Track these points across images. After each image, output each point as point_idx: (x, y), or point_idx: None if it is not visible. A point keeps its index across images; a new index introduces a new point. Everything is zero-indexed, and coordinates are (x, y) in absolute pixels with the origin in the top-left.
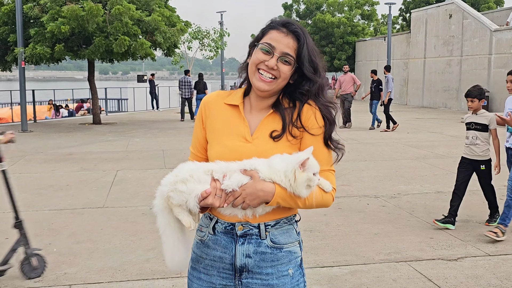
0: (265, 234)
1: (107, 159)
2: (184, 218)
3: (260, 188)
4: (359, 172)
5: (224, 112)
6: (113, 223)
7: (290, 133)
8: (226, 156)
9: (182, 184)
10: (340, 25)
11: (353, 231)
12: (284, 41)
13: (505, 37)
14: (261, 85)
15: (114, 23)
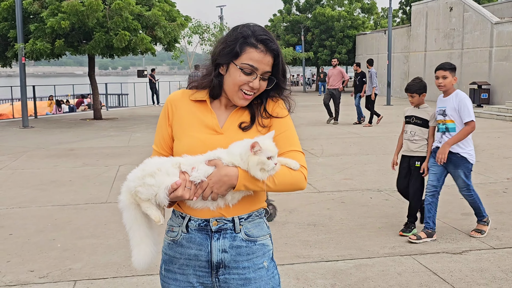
0: (239, 227)
1: (109, 154)
2: (153, 213)
3: (224, 173)
4: (361, 166)
5: (192, 108)
6: (116, 218)
7: (259, 123)
8: (197, 149)
9: (150, 178)
10: (340, 18)
11: (357, 225)
12: (264, 60)
13: (506, 29)
14: (243, 102)
15: (114, 18)
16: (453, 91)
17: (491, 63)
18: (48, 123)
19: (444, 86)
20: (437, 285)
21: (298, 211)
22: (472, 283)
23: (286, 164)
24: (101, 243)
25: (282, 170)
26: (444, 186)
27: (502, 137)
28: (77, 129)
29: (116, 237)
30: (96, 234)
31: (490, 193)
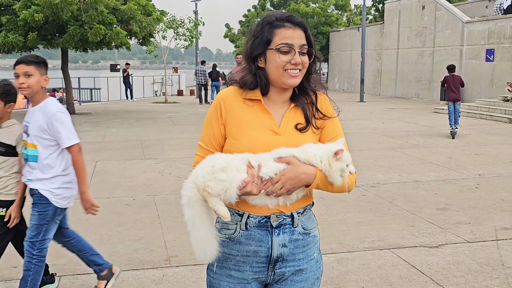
0: (297, 222)
1: (85, 150)
2: (221, 209)
3: (303, 171)
4: None
5: (246, 107)
6: (98, 213)
7: (313, 125)
8: (257, 149)
9: (222, 173)
10: (314, 15)
11: (336, 220)
12: (296, 35)
13: (476, 28)
14: (294, 81)
15: (89, 12)
16: (42, 98)
17: (462, 61)
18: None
19: (27, 88)
20: (416, 277)
21: None
22: (449, 275)
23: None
24: None
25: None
26: (417, 181)
27: (473, 134)
28: None
29: (98, 233)
30: (78, 230)
31: (463, 188)
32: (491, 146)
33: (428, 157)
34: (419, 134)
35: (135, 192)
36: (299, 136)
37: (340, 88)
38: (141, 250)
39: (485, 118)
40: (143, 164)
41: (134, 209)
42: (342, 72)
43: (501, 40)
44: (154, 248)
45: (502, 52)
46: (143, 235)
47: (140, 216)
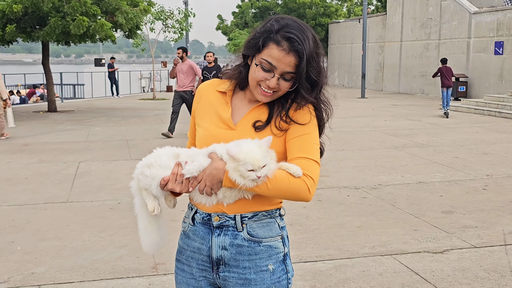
0: (241, 226)
1: (67, 150)
2: (149, 202)
3: (214, 166)
4: (337, 162)
5: (213, 99)
6: (79, 218)
7: (275, 125)
8: (207, 141)
9: (147, 168)
10: (312, 5)
11: (335, 224)
12: (285, 60)
13: (485, 20)
14: (262, 98)
15: (71, 2)
16: None
17: (469, 54)
18: None
19: None
20: (419, 285)
21: None
22: (454, 282)
23: (286, 169)
24: (65, 245)
25: (279, 176)
26: (421, 182)
27: (480, 132)
28: (30, 122)
29: (80, 239)
30: (59, 236)
31: (470, 190)
32: (500, 145)
33: (433, 156)
34: (424, 132)
35: (120, 195)
36: (252, 134)
37: (340, 83)
38: (126, 257)
39: (493, 115)
40: (129, 165)
41: (118, 213)
42: (342, 66)
43: (511, 32)
44: (140, 255)
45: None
46: (128, 241)
47: (125, 221)
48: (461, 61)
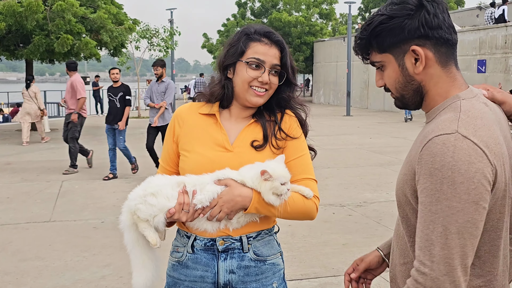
0: (247, 247)
1: (50, 169)
2: (150, 235)
3: (238, 193)
4: (323, 179)
5: (200, 122)
6: (62, 238)
7: (272, 144)
8: (204, 167)
9: (152, 197)
10: (297, 24)
11: (320, 242)
12: (270, 52)
13: (467, 38)
14: (257, 100)
15: (55, 21)
16: None
17: None
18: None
19: None
20: None
21: None
22: None
23: (299, 191)
24: (47, 265)
25: (295, 197)
26: None
27: None
28: (13, 141)
29: (62, 259)
30: (41, 256)
31: None
32: None
33: None
34: (408, 149)
35: (104, 214)
36: (253, 154)
37: (326, 101)
38: (110, 277)
39: None
40: (113, 184)
41: (102, 232)
42: (327, 84)
43: (493, 50)
44: (124, 274)
45: (494, 63)
46: (111, 260)
47: (109, 240)
48: None
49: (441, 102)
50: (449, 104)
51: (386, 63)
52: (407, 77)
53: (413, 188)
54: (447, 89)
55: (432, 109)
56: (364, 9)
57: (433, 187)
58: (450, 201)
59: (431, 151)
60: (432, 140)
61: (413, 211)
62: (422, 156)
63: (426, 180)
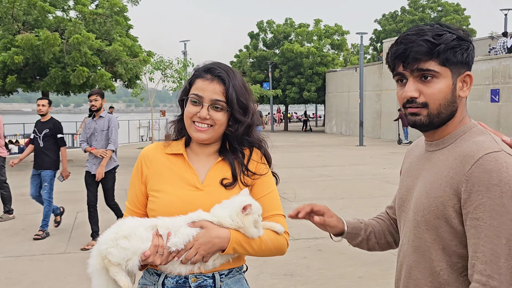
0: (219, 284)
1: (66, 200)
2: (122, 279)
3: (216, 235)
4: (336, 210)
5: (168, 162)
6: (77, 270)
7: (242, 182)
8: (176, 207)
9: (125, 240)
10: (309, 55)
11: (336, 275)
12: (210, 88)
13: (480, 68)
14: (199, 135)
15: (72, 53)
16: None
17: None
18: None
19: None
20: None
21: (273, 260)
22: None
23: (271, 228)
24: None
25: (269, 235)
26: None
27: None
28: (29, 172)
29: None
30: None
31: None
32: None
33: None
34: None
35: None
36: (224, 192)
37: (338, 131)
38: None
39: None
40: None
41: None
42: (339, 114)
43: (506, 80)
44: None
45: (507, 92)
46: None
47: None
48: None
49: (459, 127)
50: (471, 129)
51: (441, 77)
52: (454, 97)
53: (455, 208)
54: (464, 116)
55: (450, 134)
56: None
57: (492, 202)
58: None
59: (484, 168)
60: (483, 158)
61: (451, 231)
62: (473, 174)
63: (483, 196)
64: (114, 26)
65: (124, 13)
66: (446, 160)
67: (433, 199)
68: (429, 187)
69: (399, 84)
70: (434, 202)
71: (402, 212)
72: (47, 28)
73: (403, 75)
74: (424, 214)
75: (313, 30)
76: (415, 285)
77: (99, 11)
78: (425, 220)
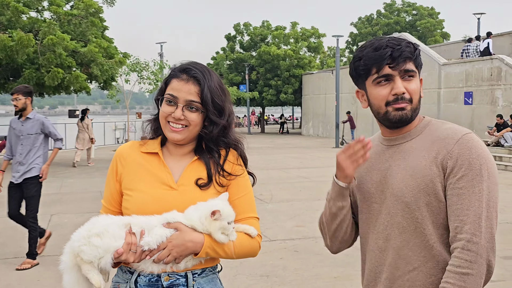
0: (192, 283)
1: None
2: (94, 277)
3: (189, 238)
4: (313, 212)
5: (143, 161)
6: (51, 273)
7: (217, 182)
8: (149, 206)
9: (97, 238)
10: (286, 57)
11: (312, 275)
12: (185, 88)
13: (454, 71)
14: (173, 135)
15: (46, 54)
16: None
17: (440, 104)
18: None
19: None
20: None
21: (250, 262)
22: None
23: (244, 231)
24: None
25: (242, 239)
26: None
27: None
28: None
29: None
30: None
31: None
32: None
33: None
34: None
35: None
36: (198, 192)
37: (315, 133)
38: None
39: None
40: None
41: None
42: (316, 116)
43: (479, 82)
44: None
45: (480, 94)
46: None
47: None
48: (433, 111)
49: (420, 123)
50: (431, 121)
51: (416, 76)
52: (420, 96)
53: (442, 183)
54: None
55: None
56: (351, 42)
57: (472, 173)
58: (487, 182)
59: (465, 145)
60: (462, 137)
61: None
62: (455, 151)
63: (465, 168)
64: (89, 27)
65: (100, 14)
66: (423, 146)
67: (421, 178)
68: (413, 170)
69: (380, 85)
70: (423, 181)
71: (373, 204)
72: (21, 29)
73: (390, 75)
74: (414, 194)
75: (290, 33)
76: (407, 263)
77: (74, 12)
78: (416, 199)
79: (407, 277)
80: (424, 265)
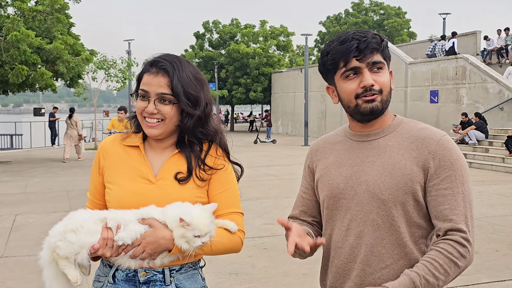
0: (169, 279)
1: (3, 203)
2: (70, 272)
3: (162, 235)
4: (282, 209)
5: (124, 154)
6: (15, 274)
7: (197, 177)
8: (127, 200)
9: (72, 234)
10: (255, 56)
11: (280, 272)
12: (154, 81)
13: (420, 70)
14: (150, 131)
15: (10, 51)
16: None
17: (407, 102)
18: None
19: None
20: None
21: (218, 259)
22: None
23: (224, 226)
24: None
25: (221, 235)
26: None
27: None
28: None
29: None
30: None
31: None
32: None
33: None
34: None
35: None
36: (176, 187)
37: (284, 131)
38: None
39: None
40: None
41: None
42: (285, 114)
43: (445, 81)
44: None
45: (446, 93)
46: None
47: None
48: (399, 109)
49: (392, 120)
50: (402, 119)
51: (385, 68)
52: (390, 88)
53: (421, 183)
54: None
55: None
56: (320, 41)
57: (456, 173)
58: (467, 183)
59: (445, 146)
60: (442, 139)
61: (415, 204)
62: (438, 152)
63: (448, 169)
64: (55, 23)
65: (66, 10)
66: (400, 144)
67: (401, 177)
68: (392, 167)
69: (349, 79)
70: (403, 179)
71: (341, 200)
72: None
73: (358, 68)
74: (392, 192)
75: (259, 31)
76: (379, 260)
77: (39, 8)
78: (393, 197)
79: (379, 274)
80: (396, 263)
